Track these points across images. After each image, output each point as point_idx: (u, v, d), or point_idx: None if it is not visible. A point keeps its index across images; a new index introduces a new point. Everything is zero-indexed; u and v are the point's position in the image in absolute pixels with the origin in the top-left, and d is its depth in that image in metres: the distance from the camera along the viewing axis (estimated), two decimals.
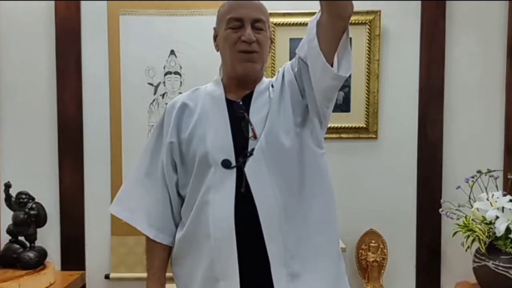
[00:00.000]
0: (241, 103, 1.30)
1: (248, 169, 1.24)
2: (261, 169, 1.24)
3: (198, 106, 1.34)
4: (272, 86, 1.33)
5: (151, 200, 1.37)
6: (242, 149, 1.26)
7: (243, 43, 1.25)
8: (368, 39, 2.15)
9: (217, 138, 1.28)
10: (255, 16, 1.27)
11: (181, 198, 1.37)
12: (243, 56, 1.27)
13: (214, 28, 1.37)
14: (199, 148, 1.28)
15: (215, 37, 1.36)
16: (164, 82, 2.20)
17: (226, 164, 1.25)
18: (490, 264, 1.85)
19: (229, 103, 1.32)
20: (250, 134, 1.27)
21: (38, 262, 2.05)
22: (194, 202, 1.30)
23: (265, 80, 1.37)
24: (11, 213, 2.08)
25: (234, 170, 1.25)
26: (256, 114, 1.29)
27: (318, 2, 2.27)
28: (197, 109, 1.33)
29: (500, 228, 1.82)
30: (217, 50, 1.36)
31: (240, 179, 1.24)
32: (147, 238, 1.39)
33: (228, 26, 1.28)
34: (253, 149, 1.25)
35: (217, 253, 1.24)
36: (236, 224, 1.22)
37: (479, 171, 2.00)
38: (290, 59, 2.13)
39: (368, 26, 2.15)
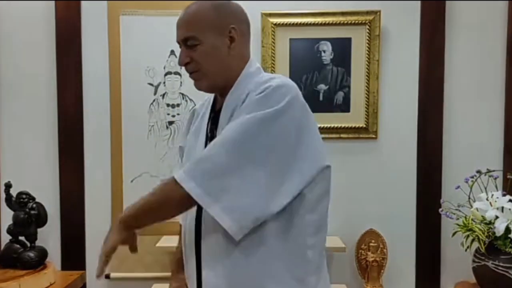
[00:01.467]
0: (213, 114, 1.29)
1: None
2: None
3: (201, 113, 1.35)
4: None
5: None
6: None
7: None
8: (368, 39, 2.15)
9: (191, 149, 1.28)
10: (183, 35, 1.21)
11: None
12: (190, 76, 1.26)
13: None
14: (185, 153, 1.32)
15: None
16: (164, 82, 2.20)
17: None
18: (489, 264, 1.86)
19: (213, 111, 1.31)
20: None
21: (39, 262, 2.05)
22: None
23: (242, 85, 1.22)
24: (11, 213, 2.08)
25: None
26: (221, 128, 1.21)
27: (318, 2, 2.27)
28: (199, 117, 1.34)
29: (500, 228, 1.82)
30: None
31: None
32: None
33: None
34: None
35: (185, 256, 1.28)
36: (197, 233, 1.20)
37: (478, 171, 2.00)
38: (290, 59, 2.16)
39: (368, 26, 2.15)
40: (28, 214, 2.06)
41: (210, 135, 1.25)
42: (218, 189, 1.07)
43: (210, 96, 1.35)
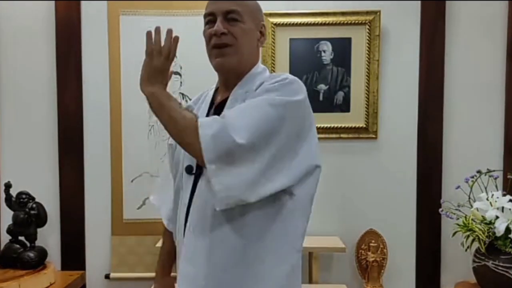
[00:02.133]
0: (214, 108, 1.27)
1: (200, 183, 1.19)
2: (206, 188, 1.16)
3: (196, 107, 1.33)
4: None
5: (170, 192, 1.39)
6: None
7: (214, 37, 1.21)
8: (368, 39, 2.15)
9: None
10: (227, 7, 1.20)
11: None
12: (215, 51, 1.22)
13: None
14: (176, 151, 1.31)
15: None
16: None
17: (188, 169, 1.23)
18: (489, 264, 1.85)
19: (212, 106, 1.29)
20: None
21: (38, 262, 2.05)
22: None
23: (250, 81, 1.26)
24: (11, 213, 2.08)
25: (193, 177, 1.22)
26: None
27: (318, 2, 2.28)
28: (194, 111, 1.30)
29: (500, 228, 1.82)
30: None
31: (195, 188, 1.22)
32: (163, 224, 1.45)
33: (205, 23, 1.25)
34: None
35: (178, 253, 1.28)
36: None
37: (479, 171, 2.00)
38: (290, 59, 2.16)
39: (368, 26, 2.15)
40: (28, 214, 2.06)
41: None
42: (226, 153, 1.06)
43: (206, 92, 1.36)
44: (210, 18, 1.23)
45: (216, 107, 1.26)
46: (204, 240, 1.17)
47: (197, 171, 1.21)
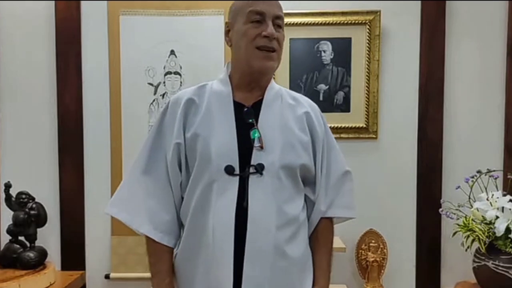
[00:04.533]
0: (251, 108, 1.26)
1: (253, 184, 1.19)
2: (266, 191, 1.20)
3: (204, 104, 1.27)
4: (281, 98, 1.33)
5: (154, 201, 1.27)
6: (246, 156, 1.21)
7: (263, 38, 1.19)
8: (368, 39, 2.15)
9: (222, 142, 1.22)
10: (277, 12, 1.21)
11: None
12: (261, 53, 1.21)
13: (227, 23, 1.30)
14: (202, 150, 1.22)
15: (227, 32, 1.30)
16: (164, 82, 2.20)
17: (229, 170, 1.19)
18: (490, 264, 1.85)
19: (236, 105, 1.26)
20: (257, 144, 1.21)
21: (38, 262, 2.05)
22: (190, 205, 1.25)
23: (274, 85, 1.32)
24: (11, 213, 2.08)
25: (237, 178, 1.20)
26: (265, 124, 1.25)
27: (318, 2, 2.27)
28: (203, 107, 1.26)
29: (500, 228, 1.82)
30: (230, 45, 1.30)
31: (242, 190, 1.19)
32: (151, 240, 1.27)
33: (248, 20, 1.21)
34: (262, 165, 1.20)
35: (214, 262, 1.19)
36: (235, 235, 1.18)
37: (479, 171, 2.00)
38: (290, 59, 2.16)
39: (368, 26, 2.15)
40: (28, 214, 2.06)
41: (248, 124, 1.24)
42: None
43: (207, 86, 1.32)
44: (258, 18, 1.21)
45: (253, 106, 1.28)
46: (269, 242, 1.19)
47: (245, 173, 1.20)
